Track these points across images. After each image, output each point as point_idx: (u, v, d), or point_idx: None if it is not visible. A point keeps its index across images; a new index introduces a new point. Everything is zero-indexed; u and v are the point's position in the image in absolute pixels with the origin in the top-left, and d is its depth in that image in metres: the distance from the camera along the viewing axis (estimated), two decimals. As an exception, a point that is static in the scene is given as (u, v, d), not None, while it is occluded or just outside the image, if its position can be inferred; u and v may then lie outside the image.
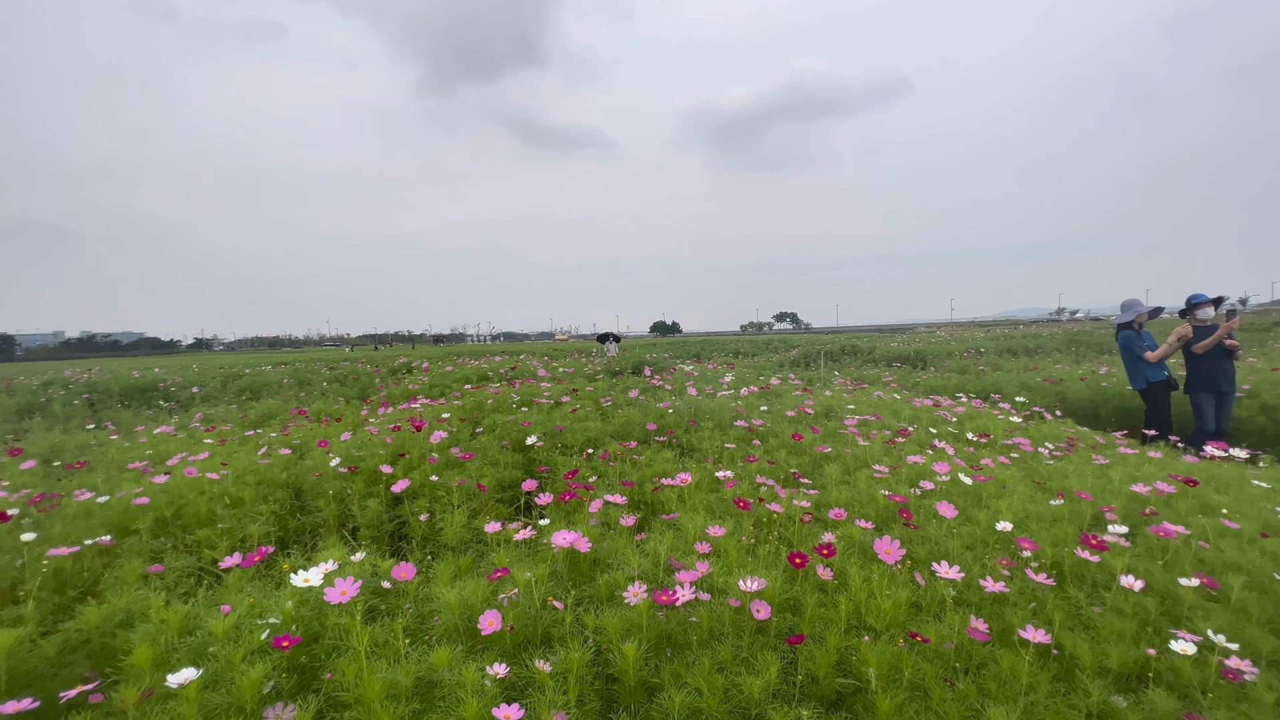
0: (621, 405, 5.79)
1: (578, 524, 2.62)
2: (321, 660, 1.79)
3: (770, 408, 5.41)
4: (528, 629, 1.88)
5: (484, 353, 22.62)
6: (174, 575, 2.48)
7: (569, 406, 5.62)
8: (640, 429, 4.81)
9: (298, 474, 3.90)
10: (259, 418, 7.25)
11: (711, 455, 4.06)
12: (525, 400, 6.05)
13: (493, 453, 4.08)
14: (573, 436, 4.45)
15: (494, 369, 11.80)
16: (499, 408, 5.80)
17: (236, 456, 4.16)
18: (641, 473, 3.60)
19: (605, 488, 3.25)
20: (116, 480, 3.79)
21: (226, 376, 14.11)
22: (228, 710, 1.49)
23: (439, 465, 3.74)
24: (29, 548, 2.53)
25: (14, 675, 1.74)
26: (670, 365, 11.60)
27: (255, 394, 11.58)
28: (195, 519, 3.18)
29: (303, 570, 1.89)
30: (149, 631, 1.79)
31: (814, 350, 17.04)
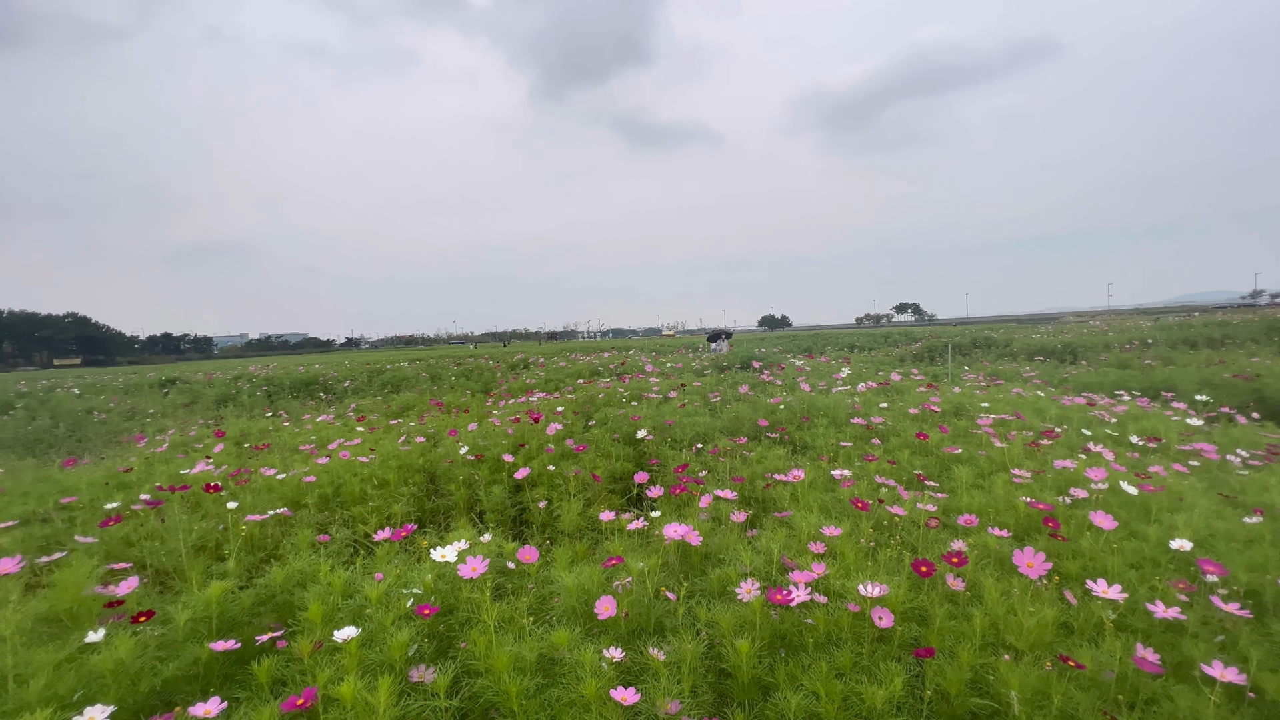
0: (730, 401, 5.73)
1: (688, 518, 2.64)
2: (456, 630, 1.97)
3: (890, 405, 5.09)
4: (641, 617, 1.93)
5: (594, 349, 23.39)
6: (336, 545, 2.83)
7: (678, 401, 5.66)
8: (750, 425, 4.73)
9: (432, 460, 4.29)
10: (399, 409, 8.04)
11: (826, 453, 3.90)
12: (634, 395, 6.18)
13: (605, 445, 4.22)
14: (682, 431, 4.48)
15: (604, 364, 12.18)
16: (610, 402, 5.98)
17: (382, 443, 4.65)
18: (752, 469, 3.55)
19: (715, 482, 3.24)
20: (290, 460, 4.40)
21: (371, 372, 15.81)
22: (380, 666, 1.68)
23: (555, 456, 3.94)
24: (230, 515, 3.00)
25: (221, 620, 2.08)
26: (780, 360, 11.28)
27: (395, 387, 12.86)
28: (351, 497, 3.60)
29: (440, 547, 2.08)
30: (319, 592, 2.06)
31: (939, 343, 15.75)
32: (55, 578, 2.24)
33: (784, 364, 10.05)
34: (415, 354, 33.55)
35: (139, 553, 2.86)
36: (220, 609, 2.09)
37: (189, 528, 2.96)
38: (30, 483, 4.06)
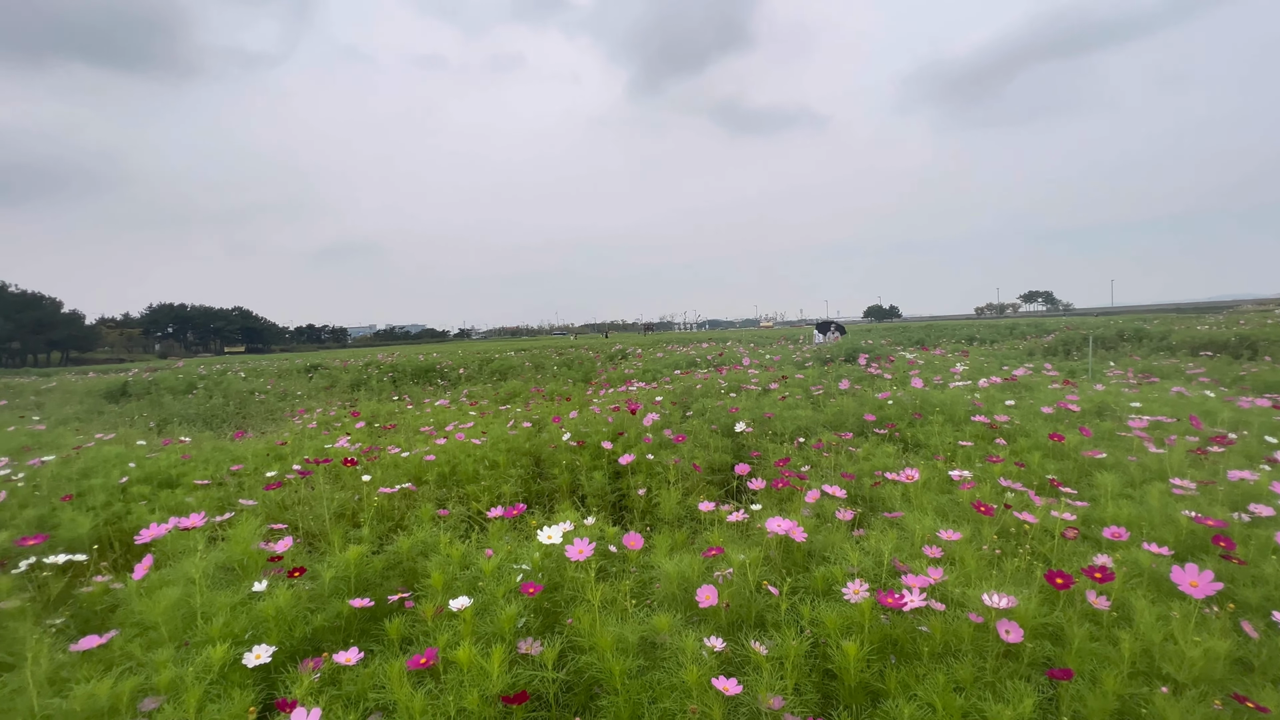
0: (834, 394, 5.50)
1: (791, 512, 2.56)
2: (561, 608, 2.05)
3: (1018, 402, 4.64)
4: (742, 609, 1.91)
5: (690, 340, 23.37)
6: (453, 519, 3.06)
7: (778, 394, 5.52)
8: (856, 419, 4.51)
9: (538, 445, 4.50)
10: (507, 395, 8.51)
11: (942, 452, 3.63)
12: (733, 386, 6.10)
13: (703, 436, 4.21)
14: (782, 424, 4.36)
15: (701, 355, 12.13)
16: (707, 393, 5.95)
17: (492, 427, 4.95)
18: (859, 466, 3.39)
19: (819, 478, 3.12)
20: (412, 440, 4.80)
21: (482, 360, 16.85)
22: (492, 635, 1.79)
23: (653, 445, 3.98)
24: (364, 487, 3.33)
25: (358, 580, 2.32)
26: (889, 352, 10.64)
27: (503, 375, 13.63)
28: (465, 476, 3.86)
29: (546, 528, 2.18)
30: (439, 562, 2.23)
31: (1077, 335, 14.08)
32: (229, 533, 2.61)
33: (893, 357, 9.47)
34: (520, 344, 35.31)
35: (292, 516, 3.25)
36: (357, 570, 2.34)
37: (331, 496, 3.33)
38: (209, 451, 4.75)
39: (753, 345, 15.39)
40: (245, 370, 16.63)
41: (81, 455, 4.54)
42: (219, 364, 21.55)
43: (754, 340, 19.65)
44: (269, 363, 21.62)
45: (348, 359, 19.99)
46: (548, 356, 16.45)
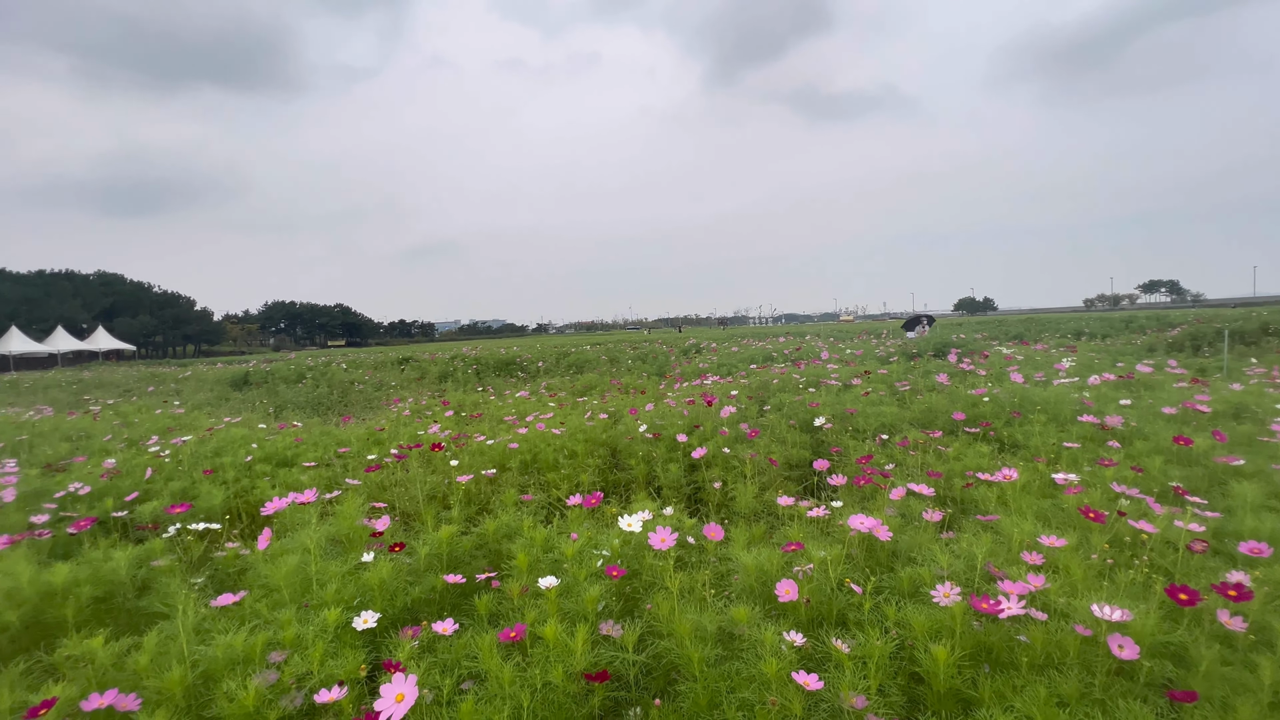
0: (921, 390, 5.23)
1: (874, 511, 2.48)
2: (640, 594, 2.10)
3: (1135, 402, 4.22)
4: (822, 606, 1.87)
5: (766, 334, 22.92)
6: (535, 505, 3.18)
7: (860, 389, 5.32)
8: (945, 417, 4.27)
9: (614, 436, 4.58)
10: (583, 388, 8.72)
11: (1043, 454, 3.37)
12: (811, 381, 5.94)
13: (780, 431, 4.13)
14: (865, 420, 4.21)
15: (777, 350, 11.87)
16: (784, 388, 5.82)
17: (570, 418, 5.09)
18: (948, 466, 3.21)
19: (904, 477, 3.00)
20: (496, 429, 5.03)
21: (559, 354, 17.33)
22: (575, 615, 1.86)
23: (729, 439, 3.96)
24: (453, 471, 3.54)
25: (449, 558, 2.47)
26: (983, 347, 9.96)
27: (579, 368, 13.95)
28: (546, 464, 4.01)
29: (625, 516, 2.23)
30: (523, 544, 2.33)
31: (1208, 329, 12.55)
32: (337, 510, 2.85)
33: (987, 352, 8.86)
34: (595, 338, 35.97)
35: (390, 496, 3.50)
36: (449, 548, 2.49)
37: (424, 479, 3.55)
38: (318, 435, 5.20)
39: (832, 340, 14.87)
40: (346, 362, 17.99)
41: (214, 436, 5.09)
42: (324, 356, 23.45)
43: (833, 335, 18.98)
44: (366, 355, 23.29)
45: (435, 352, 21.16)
46: (622, 351, 16.67)
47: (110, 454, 4.80)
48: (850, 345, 12.29)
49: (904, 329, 15.25)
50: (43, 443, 5.73)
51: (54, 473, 4.21)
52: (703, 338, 21.43)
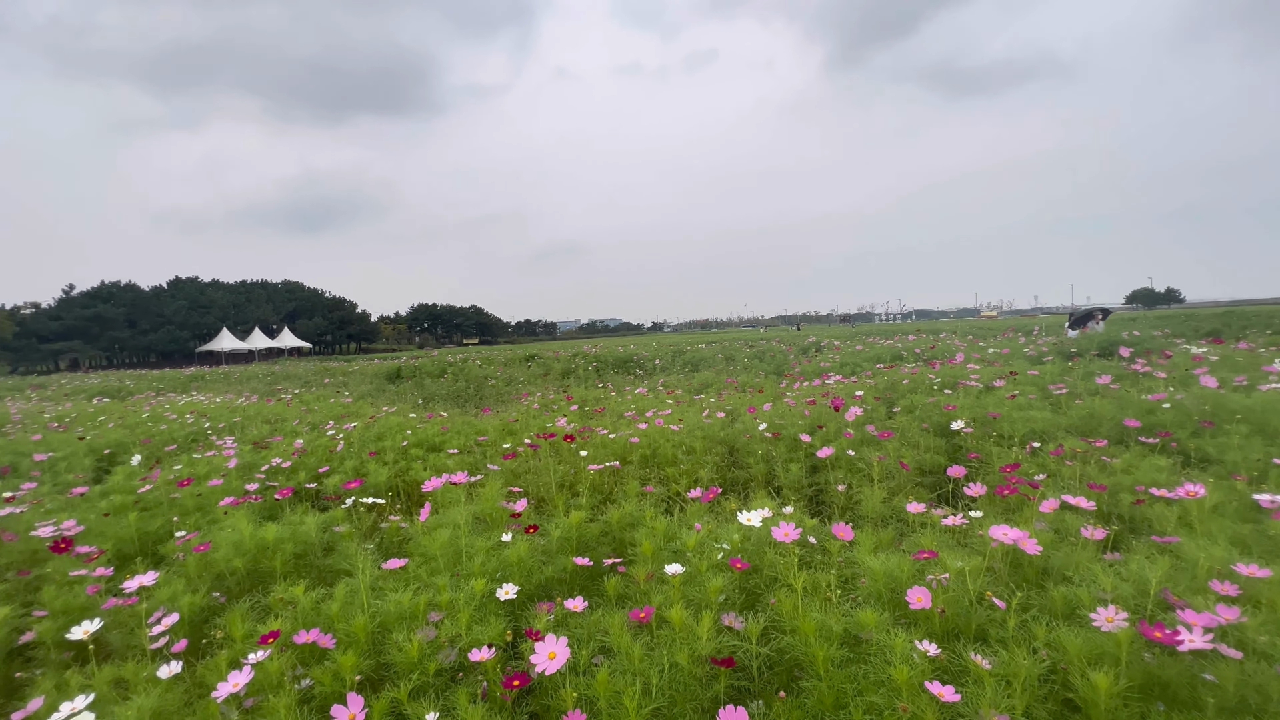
0: (1081, 395, 4.66)
1: (1020, 523, 2.28)
2: (761, 589, 2.11)
3: (1378, 413, 3.45)
4: (959, 619, 1.77)
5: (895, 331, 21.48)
6: (655, 497, 3.29)
7: (1005, 391, 4.85)
8: (1112, 425, 3.78)
9: (732, 434, 4.59)
10: (700, 386, 8.77)
11: (1243, 470, 2.88)
12: (947, 382, 5.52)
13: (911, 434, 3.90)
14: (1011, 425, 3.84)
15: (908, 348, 11.11)
16: (916, 389, 5.46)
17: (688, 415, 5.17)
18: (1115, 480, 2.85)
19: (1058, 488, 2.71)
20: (617, 424, 5.23)
21: (674, 352, 17.54)
22: (697, 604, 1.92)
23: (854, 441, 3.81)
24: (580, 462, 3.75)
25: (578, 542, 2.64)
26: (1164, 346, 8.59)
27: (695, 366, 14.03)
28: (665, 459, 4.12)
29: (745, 512, 2.25)
30: (646, 533, 2.44)
31: None
32: (479, 492, 3.16)
33: (1169, 351, 7.64)
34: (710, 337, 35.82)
35: (524, 482, 3.80)
36: (578, 533, 2.66)
37: (554, 468, 3.81)
38: (460, 425, 5.74)
39: (971, 338, 13.59)
40: (480, 359, 19.56)
41: (376, 423, 5.82)
42: (460, 354, 25.67)
43: (972, 332, 17.32)
44: (497, 353, 25.14)
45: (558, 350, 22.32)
46: (738, 349, 16.50)
47: (299, 435, 5.66)
48: (993, 344, 11.17)
49: (1068, 326, 13.06)
50: (249, 424, 6.88)
51: (259, 449, 5.06)
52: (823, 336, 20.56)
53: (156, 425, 6.99)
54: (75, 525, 3.05)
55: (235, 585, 2.70)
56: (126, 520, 3.31)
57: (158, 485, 3.88)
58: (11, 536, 3.19)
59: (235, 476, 4.02)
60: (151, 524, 3.37)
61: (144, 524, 3.33)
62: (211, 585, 2.64)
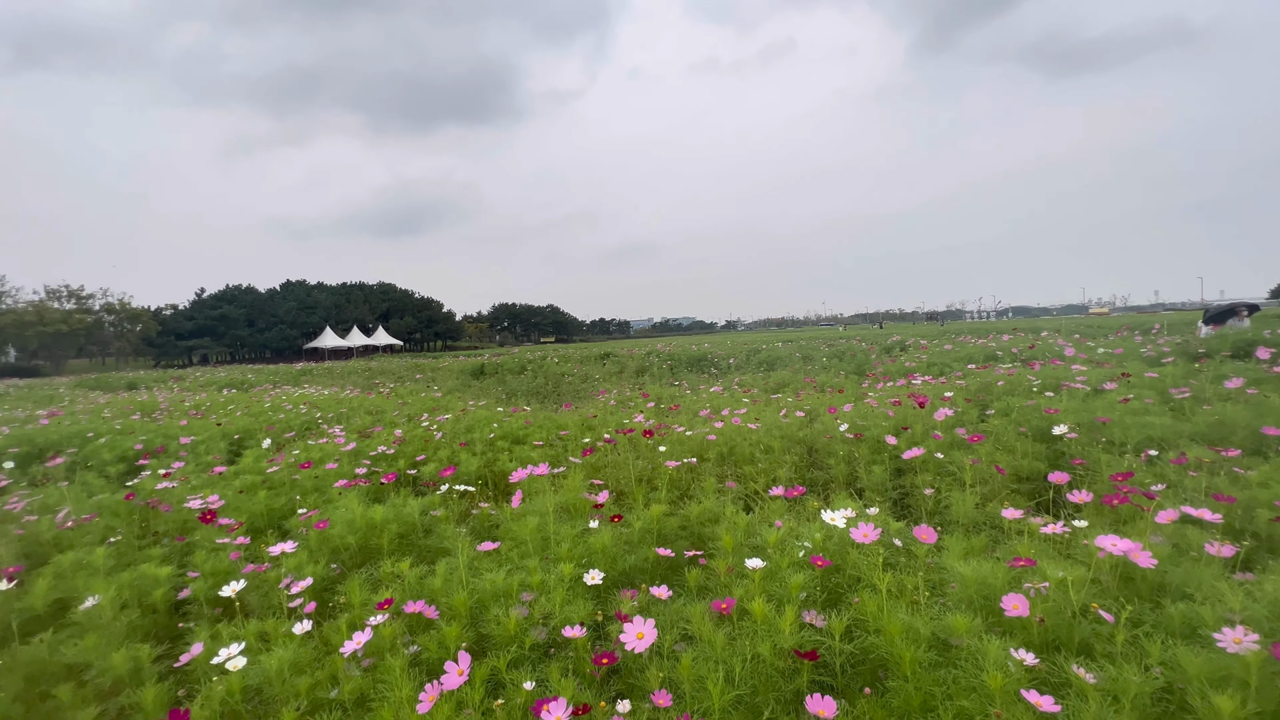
0: (1209, 399, 4.21)
1: (1132, 535, 2.13)
2: (844, 589, 2.09)
3: None
4: (1060, 631, 1.69)
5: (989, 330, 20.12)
6: (732, 495, 3.32)
7: (1116, 394, 4.47)
8: (1247, 434, 3.41)
9: (811, 435, 4.52)
10: (776, 385, 8.64)
11: None
12: (1049, 384, 5.15)
13: (1007, 438, 3.69)
14: (1123, 431, 3.55)
15: (1003, 348, 10.40)
16: (1012, 390, 5.14)
17: (765, 414, 5.13)
18: (1250, 493, 2.58)
19: (1178, 499, 2.49)
20: (693, 421, 5.28)
21: (749, 351, 17.31)
22: (779, 599, 1.94)
23: (943, 444, 3.65)
24: (659, 457, 3.83)
25: (659, 534, 2.72)
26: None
27: (771, 365, 13.80)
28: (741, 457, 4.12)
29: (828, 511, 2.24)
30: (727, 527, 2.47)
31: None
32: (563, 483, 3.30)
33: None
34: (786, 335, 35.02)
35: (603, 475, 3.92)
36: (658, 525, 2.74)
37: (633, 463, 3.91)
38: (542, 419, 5.98)
39: (1077, 337, 12.49)
40: (558, 357, 20.16)
41: (466, 416, 6.18)
42: (539, 352, 26.56)
43: (1079, 331, 15.90)
44: (573, 350, 25.79)
45: (632, 348, 22.60)
46: (816, 348, 16.05)
47: (397, 426, 6.11)
48: (1104, 343, 10.23)
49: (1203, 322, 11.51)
50: (354, 415, 7.50)
51: (364, 438, 5.51)
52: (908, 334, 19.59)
53: (276, 414, 7.76)
54: (217, 500, 3.48)
55: (349, 559, 2.98)
56: (257, 497, 3.73)
57: (282, 467, 4.33)
58: (167, 508, 3.69)
59: (346, 461, 4.41)
60: (277, 501, 3.78)
61: (271, 501, 3.74)
62: (329, 558, 2.94)
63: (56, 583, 2.66)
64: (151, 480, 4.40)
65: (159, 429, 6.77)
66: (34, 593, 2.58)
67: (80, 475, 5.05)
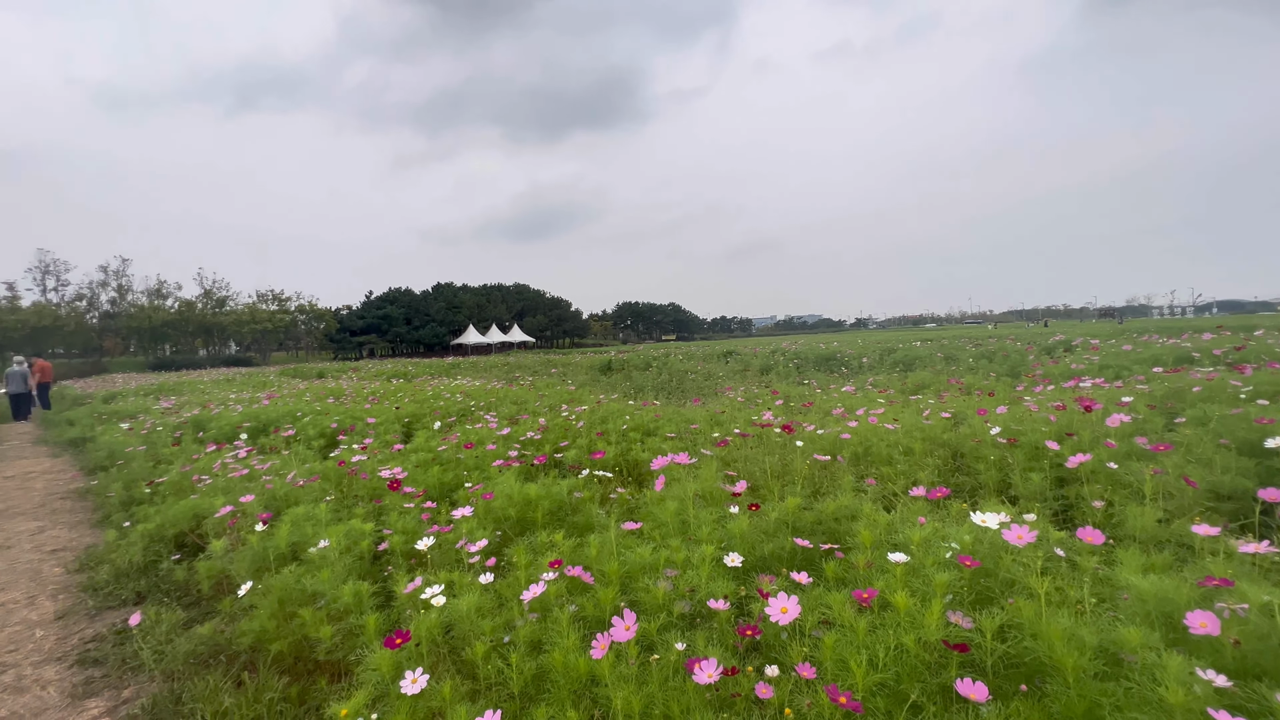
0: None
1: (1369, 565, 1.83)
2: (995, 593, 2.02)
3: None
4: (1260, 658, 1.52)
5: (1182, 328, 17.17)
6: (874, 492, 3.26)
7: (1358, 406, 3.72)
8: None
9: (957, 438, 4.26)
10: (915, 386, 8.14)
11: None
12: (1264, 391, 4.39)
13: (1202, 450, 3.24)
14: (1364, 448, 2.96)
15: (1202, 349, 8.89)
16: (1211, 397, 4.45)
17: (903, 415, 4.91)
18: None
19: None
20: (825, 420, 5.19)
21: (883, 350, 16.34)
22: (925, 595, 1.93)
23: (1117, 453, 3.29)
24: (794, 453, 3.86)
25: (794, 525, 2.77)
26: None
27: (908, 366, 12.95)
28: (879, 458, 4.01)
29: (979, 513, 2.17)
30: (866, 523, 2.48)
31: None
32: (698, 472, 3.46)
33: None
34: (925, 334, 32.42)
35: (735, 468, 4.03)
36: (794, 518, 2.80)
37: (764, 457, 3.98)
38: (671, 413, 6.21)
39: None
40: (681, 354, 20.45)
41: (601, 408, 6.57)
42: (661, 349, 27.08)
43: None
44: (695, 348, 25.98)
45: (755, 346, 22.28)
46: (961, 347, 14.77)
47: (540, 415, 6.67)
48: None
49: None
50: (501, 404, 8.26)
51: (513, 424, 6.09)
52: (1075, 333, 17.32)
53: (437, 401, 8.77)
54: (401, 472, 4.08)
55: (509, 528, 3.38)
56: (431, 472, 4.31)
57: (449, 447, 4.95)
58: (365, 476, 4.39)
59: (501, 445, 4.94)
60: (446, 476, 4.34)
61: (442, 475, 4.31)
62: (494, 526, 3.35)
63: (293, 528, 3.32)
64: (347, 453, 5.25)
65: (347, 411, 7.96)
66: (279, 535, 3.24)
67: (294, 446, 6.13)
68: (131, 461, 6.71)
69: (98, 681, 3.00)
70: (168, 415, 9.38)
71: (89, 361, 48.06)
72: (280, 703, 2.54)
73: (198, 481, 4.93)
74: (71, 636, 3.48)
